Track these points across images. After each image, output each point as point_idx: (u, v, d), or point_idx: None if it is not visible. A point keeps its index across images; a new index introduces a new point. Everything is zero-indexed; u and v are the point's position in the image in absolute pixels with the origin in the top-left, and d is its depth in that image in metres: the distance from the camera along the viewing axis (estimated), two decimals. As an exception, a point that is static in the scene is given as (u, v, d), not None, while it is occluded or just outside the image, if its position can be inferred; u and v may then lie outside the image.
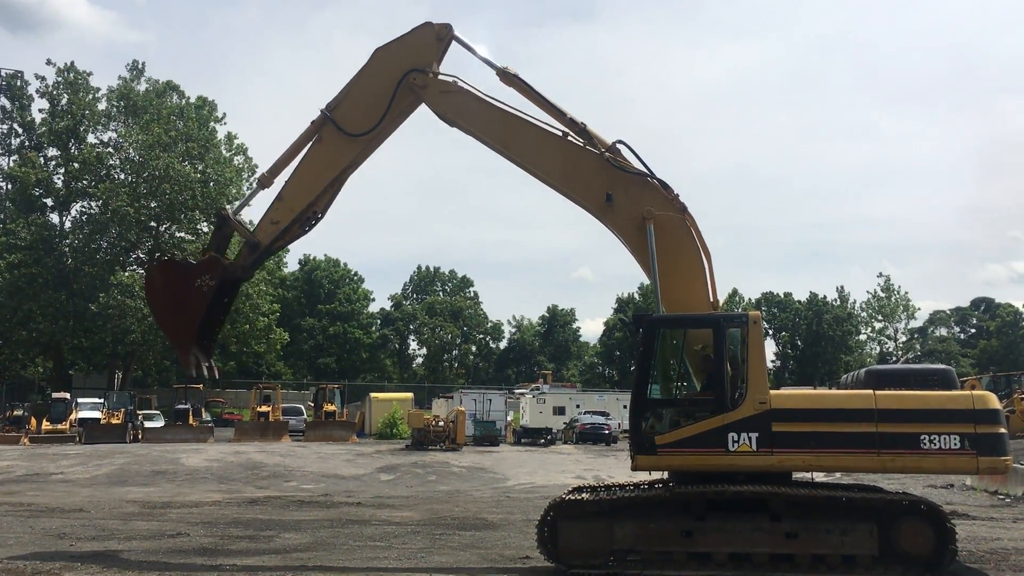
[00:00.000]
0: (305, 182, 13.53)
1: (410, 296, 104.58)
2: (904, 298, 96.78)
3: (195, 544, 13.65)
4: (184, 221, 62.24)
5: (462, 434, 40.10)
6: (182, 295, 13.29)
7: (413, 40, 13.41)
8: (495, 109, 13.18)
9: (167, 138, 59.07)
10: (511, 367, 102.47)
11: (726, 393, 11.30)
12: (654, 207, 12.36)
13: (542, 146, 13.05)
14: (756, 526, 10.90)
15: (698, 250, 12.43)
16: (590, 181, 12.75)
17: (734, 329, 11.61)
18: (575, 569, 10.91)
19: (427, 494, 23.37)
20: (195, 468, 29.01)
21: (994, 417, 11.09)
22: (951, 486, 22.22)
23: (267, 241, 13.66)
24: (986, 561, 11.79)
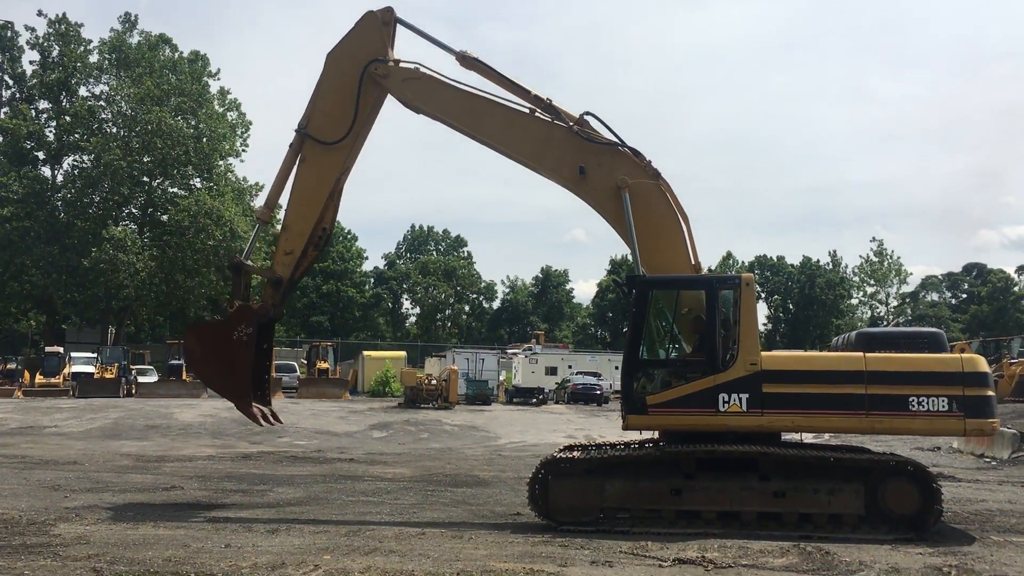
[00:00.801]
0: (304, 205, 13.37)
1: (403, 255, 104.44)
2: (896, 263, 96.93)
3: (189, 497, 13.77)
4: (177, 176, 61.86)
5: (454, 393, 40.30)
6: (225, 353, 13.00)
7: (359, 33, 13.31)
8: (460, 92, 13.13)
9: (159, 92, 58.45)
10: (504, 327, 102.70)
11: (717, 354, 11.37)
12: (628, 176, 12.39)
13: (511, 125, 13.02)
14: (745, 485, 11.03)
15: (675, 214, 12.47)
16: (561, 156, 12.74)
17: (727, 291, 11.66)
18: (565, 526, 11.04)
19: (419, 451, 23.54)
20: (188, 423, 29.15)
21: (982, 380, 11.19)
22: (938, 449, 22.47)
23: (287, 273, 13.38)
24: (971, 522, 11.97)
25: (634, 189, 12.34)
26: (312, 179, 13.35)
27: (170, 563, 8.68)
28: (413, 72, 13.20)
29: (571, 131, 12.68)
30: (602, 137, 12.71)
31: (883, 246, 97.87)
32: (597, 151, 12.62)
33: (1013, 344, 43.60)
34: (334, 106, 13.30)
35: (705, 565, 8.91)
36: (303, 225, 13.32)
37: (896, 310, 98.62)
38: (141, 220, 64.22)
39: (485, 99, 13.11)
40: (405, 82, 13.21)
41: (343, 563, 8.74)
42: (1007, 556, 9.70)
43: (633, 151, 12.61)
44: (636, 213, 12.25)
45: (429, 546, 9.83)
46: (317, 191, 13.33)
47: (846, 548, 9.82)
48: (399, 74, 13.21)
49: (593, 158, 12.58)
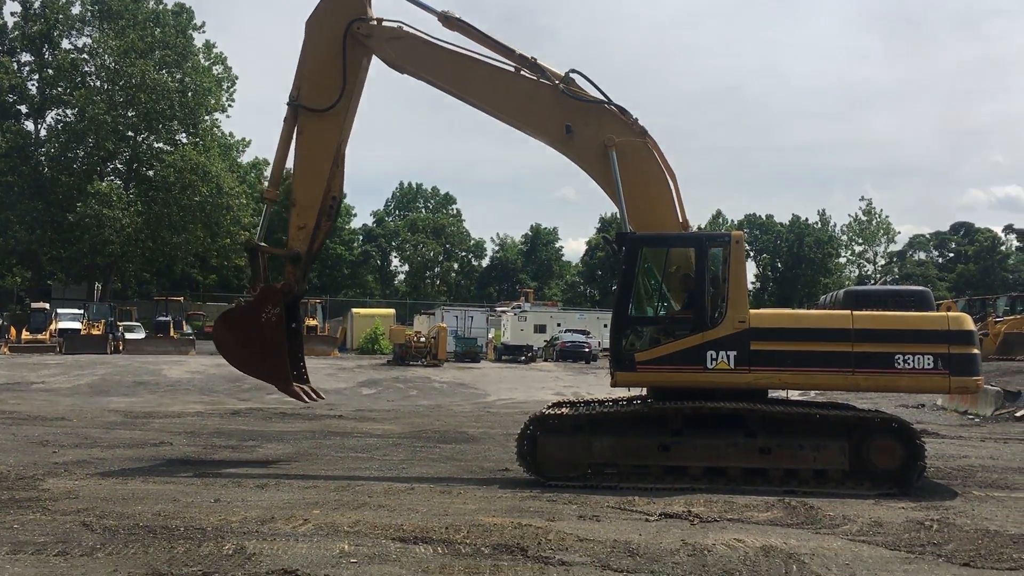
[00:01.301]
0: (309, 177, 13.17)
1: (392, 213, 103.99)
2: (885, 222, 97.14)
3: (178, 453, 13.80)
4: (162, 131, 61.29)
5: (443, 350, 40.39)
6: (257, 337, 12.79)
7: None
8: (445, 51, 12.97)
9: (143, 45, 57.65)
10: (493, 285, 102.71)
11: (706, 312, 11.40)
12: (615, 134, 12.32)
13: (496, 84, 12.89)
14: (731, 441, 11.12)
15: (662, 172, 12.42)
16: (548, 114, 12.64)
17: (716, 249, 11.65)
18: (554, 481, 11.12)
19: (408, 408, 23.65)
20: (177, 380, 29.17)
21: (968, 338, 11.26)
22: (922, 406, 22.71)
23: (304, 248, 13.17)
24: (953, 477, 12.12)
25: (621, 147, 12.27)
26: (313, 149, 13.16)
27: (159, 517, 8.72)
28: (397, 31, 13.01)
29: (557, 89, 12.56)
30: (588, 95, 12.59)
31: (872, 205, 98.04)
32: (584, 109, 12.52)
33: (999, 303, 43.90)
34: (322, 73, 13.09)
35: (691, 519, 9.00)
36: (312, 197, 13.14)
37: (884, 269, 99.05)
38: (126, 175, 63.72)
39: (470, 58, 12.95)
40: (389, 41, 13.03)
41: (332, 517, 8.79)
42: (988, 510, 9.83)
43: (620, 109, 12.51)
44: (623, 171, 12.19)
45: (418, 501, 9.90)
46: (320, 161, 13.15)
47: (830, 503, 9.94)
48: (382, 33, 13.02)
49: (580, 116, 12.49)
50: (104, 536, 7.93)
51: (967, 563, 7.50)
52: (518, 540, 7.91)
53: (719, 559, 7.44)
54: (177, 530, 8.15)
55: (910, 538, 8.36)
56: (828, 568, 7.22)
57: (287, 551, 7.43)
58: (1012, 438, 17.09)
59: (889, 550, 7.93)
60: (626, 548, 7.72)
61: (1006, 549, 7.95)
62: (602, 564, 7.22)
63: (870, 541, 8.25)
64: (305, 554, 7.34)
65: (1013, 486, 11.58)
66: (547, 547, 7.71)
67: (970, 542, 8.21)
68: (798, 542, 8.09)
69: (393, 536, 8.02)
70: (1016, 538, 8.36)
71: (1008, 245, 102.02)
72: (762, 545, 7.89)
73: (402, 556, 7.38)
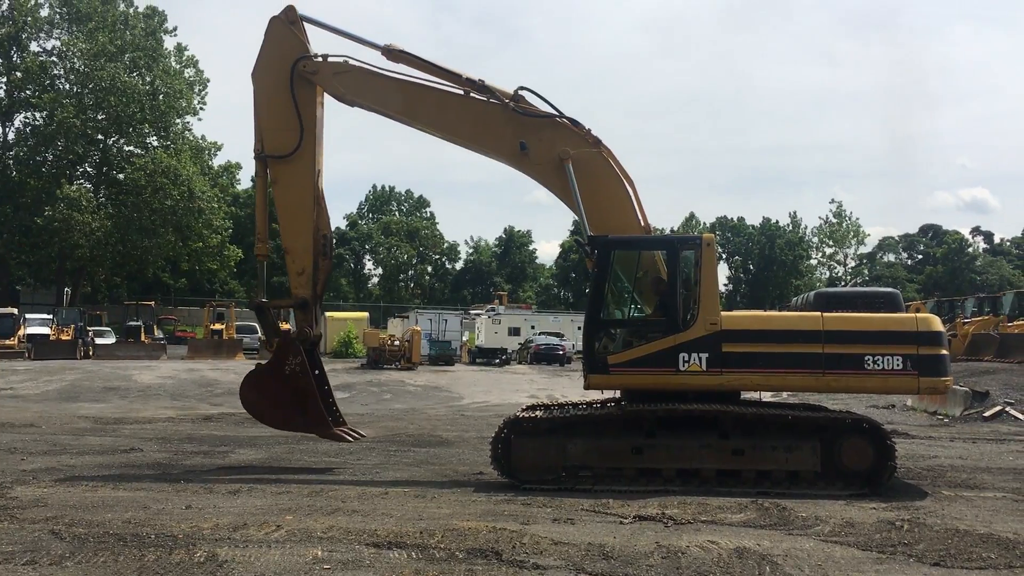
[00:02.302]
0: (296, 223, 13.09)
1: (365, 216, 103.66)
2: (855, 224, 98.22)
3: (149, 459, 13.65)
4: (132, 135, 60.74)
5: (417, 353, 40.30)
6: (286, 391, 12.68)
7: (272, 40, 13.09)
8: (393, 80, 13.01)
9: (113, 47, 57.07)
10: (467, 288, 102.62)
11: (678, 314, 11.44)
12: (569, 146, 12.36)
13: (447, 108, 12.96)
14: (704, 443, 11.17)
15: (620, 179, 12.49)
16: (500, 133, 12.68)
17: (688, 251, 11.71)
18: (528, 484, 11.12)
19: (382, 412, 23.56)
20: (148, 385, 28.87)
21: (936, 339, 11.37)
22: (893, 406, 22.93)
23: (308, 292, 13.06)
24: (923, 477, 12.25)
25: (577, 159, 12.32)
26: (291, 196, 13.11)
27: (130, 525, 8.62)
28: (342, 65, 13.01)
29: (507, 108, 12.59)
30: (539, 111, 12.64)
31: (842, 207, 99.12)
32: (536, 125, 12.57)
33: (967, 304, 44.44)
34: (278, 119, 13.06)
35: (665, 521, 9.03)
36: (303, 242, 13.06)
37: (854, 271, 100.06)
38: (96, 179, 63.05)
39: (419, 85, 12.99)
40: (336, 76, 13.03)
41: (305, 523, 8.73)
42: (957, 510, 9.95)
43: (572, 121, 12.58)
44: (581, 183, 12.27)
45: (392, 505, 9.86)
46: (301, 205, 13.10)
47: (802, 504, 10.01)
48: (328, 68, 13.02)
49: (532, 132, 12.54)
50: (73, 544, 7.82)
51: (937, 562, 7.58)
52: (492, 544, 7.90)
53: (693, 561, 7.47)
54: (148, 538, 8.05)
55: (881, 538, 8.44)
56: (800, 569, 7.27)
57: (259, 558, 7.37)
58: (981, 438, 17.32)
59: (861, 550, 8.00)
60: (600, 551, 7.74)
61: (975, 548, 8.05)
62: (576, 567, 7.23)
63: (842, 542, 8.32)
64: (278, 561, 7.29)
65: (982, 486, 11.73)
66: (521, 551, 7.71)
67: (940, 542, 8.30)
68: (771, 543, 8.15)
69: (367, 541, 7.98)
70: (985, 537, 8.46)
71: (976, 247, 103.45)
72: (735, 547, 7.93)
73: (376, 562, 7.34)
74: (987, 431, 18.73)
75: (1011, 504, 10.41)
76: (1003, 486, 11.69)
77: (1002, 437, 17.52)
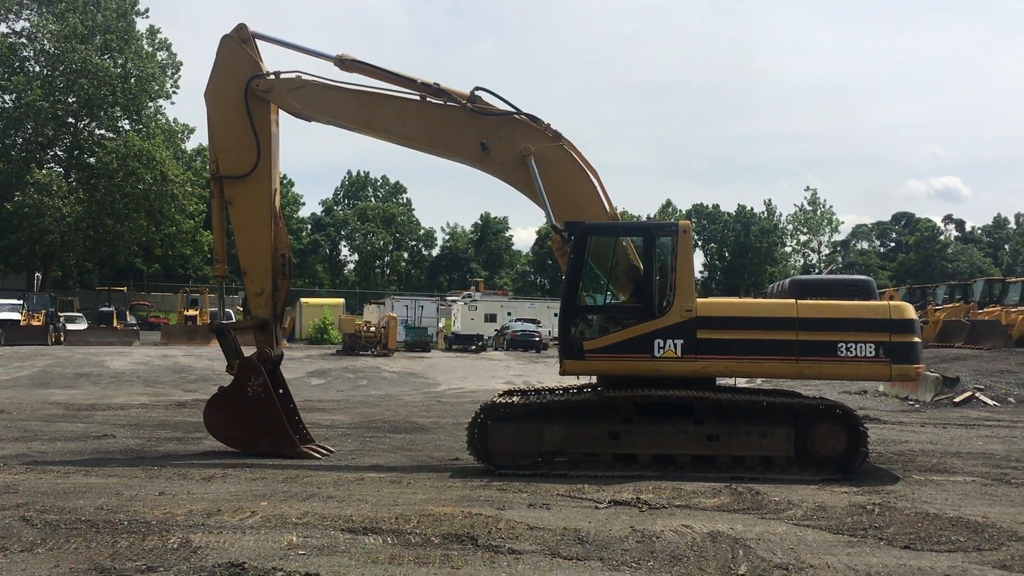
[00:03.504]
0: (253, 244, 13.01)
1: (341, 202, 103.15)
2: (829, 212, 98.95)
3: (121, 446, 13.54)
4: (104, 118, 59.95)
5: (393, 340, 40.23)
6: (250, 414, 12.57)
7: (224, 59, 13.00)
8: (348, 92, 12.94)
9: (83, 29, 56.22)
10: (443, 274, 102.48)
11: (653, 300, 11.48)
12: (530, 142, 12.37)
13: (404, 115, 12.92)
14: (680, 429, 11.23)
15: (583, 171, 12.51)
16: (460, 135, 12.67)
17: (664, 238, 11.74)
18: (504, 470, 11.14)
19: (358, 398, 23.52)
20: (120, 371, 28.64)
21: (909, 327, 11.48)
22: (864, 392, 23.19)
23: (268, 312, 12.98)
24: (894, 462, 12.39)
25: (539, 155, 12.33)
26: (248, 216, 13.01)
27: (102, 511, 8.54)
28: (296, 81, 12.90)
29: (465, 109, 12.56)
30: (497, 109, 12.61)
31: (816, 195, 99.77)
32: (495, 124, 12.55)
33: (938, 291, 44.94)
34: (233, 139, 12.94)
35: (640, 506, 9.08)
36: (261, 262, 12.98)
37: (828, 258, 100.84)
38: (67, 163, 62.23)
39: (375, 94, 12.92)
40: (290, 92, 12.92)
41: (280, 509, 8.70)
42: (928, 494, 10.07)
43: (530, 117, 12.56)
44: (545, 178, 12.27)
45: (367, 491, 9.84)
46: (258, 225, 13.01)
47: (775, 488, 10.10)
48: (282, 85, 12.91)
49: (492, 132, 12.52)
50: (45, 531, 7.75)
51: (907, 546, 7.68)
52: (468, 529, 7.90)
53: (667, 545, 7.51)
54: (120, 524, 7.98)
55: (853, 522, 8.53)
56: (773, 552, 7.34)
57: (234, 544, 7.34)
58: (951, 423, 17.55)
59: (832, 534, 8.09)
60: (576, 535, 7.77)
61: (945, 532, 8.16)
62: (552, 552, 7.25)
63: (814, 525, 8.40)
64: (252, 547, 7.25)
65: (951, 470, 11.89)
66: (497, 536, 7.72)
67: (910, 525, 8.40)
68: (744, 527, 8.21)
69: (342, 527, 7.96)
70: (954, 520, 8.58)
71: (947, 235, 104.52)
72: (709, 531, 7.99)
73: (351, 547, 7.33)
74: (957, 416, 18.99)
75: (980, 488, 10.56)
76: (972, 470, 11.85)
77: (972, 422, 17.77)
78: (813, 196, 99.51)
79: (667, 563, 7.00)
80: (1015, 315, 34.06)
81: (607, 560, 7.06)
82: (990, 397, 21.58)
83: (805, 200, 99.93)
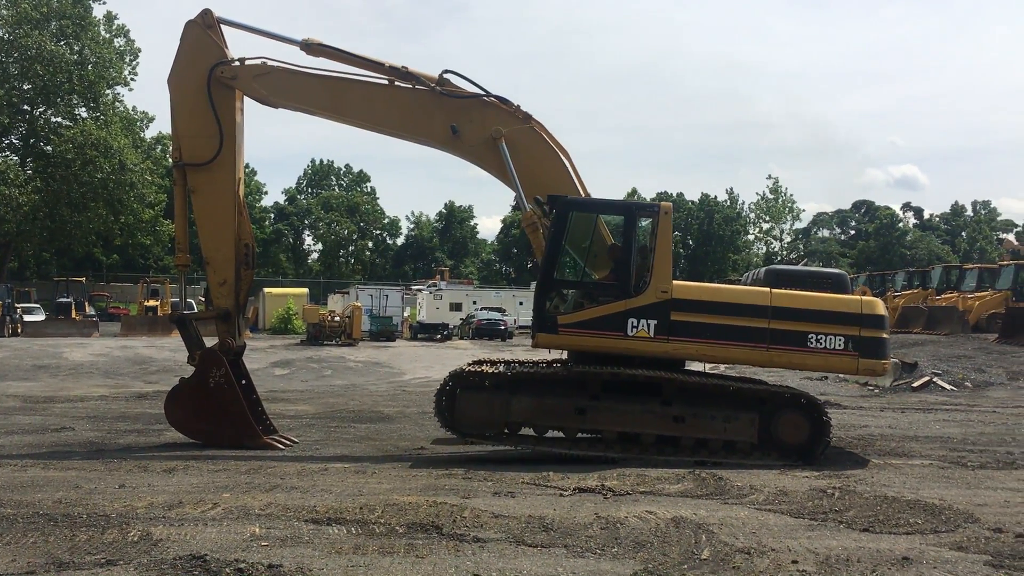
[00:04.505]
0: (216, 233, 12.81)
1: (304, 191, 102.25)
2: (790, 200, 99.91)
3: (80, 438, 13.34)
4: (60, 105, 58.79)
5: (358, 329, 40.03)
6: (212, 405, 12.40)
7: (188, 45, 12.79)
8: (315, 78, 12.81)
9: (37, 15, 55.04)
10: (408, 263, 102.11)
11: (630, 280, 11.52)
12: (500, 125, 12.37)
13: (373, 100, 12.81)
14: (647, 408, 11.30)
15: (555, 152, 12.54)
16: (430, 119, 12.62)
17: (645, 219, 11.79)
18: (470, 438, 11.19)
19: (322, 388, 23.37)
20: (80, 363, 28.20)
21: (879, 322, 11.61)
22: (825, 377, 23.43)
23: (231, 303, 12.80)
24: (854, 446, 12.57)
25: (510, 137, 12.33)
26: (211, 205, 12.83)
27: (61, 505, 8.40)
28: (261, 67, 12.75)
29: (434, 92, 12.50)
30: (466, 92, 12.58)
31: (778, 183, 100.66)
32: (465, 107, 12.52)
33: (897, 278, 45.63)
34: (197, 126, 12.74)
35: (604, 493, 9.12)
36: (224, 252, 12.80)
37: (790, 246, 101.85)
38: (23, 151, 60.98)
39: (343, 79, 12.80)
40: (256, 79, 12.77)
41: (243, 500, 8.62)
42: (886, 477, 10.24)
43: (500, 99, 12.55)
44: (516, 159, 12.28)
45: (332, 481, 9.78)
46: (222, 214, 12.83)
47: (738, 474, 10.20)
48: (247, 72, 12.74)
49: (463, 115, 12.49)
50: (2, 525, 7.59)
51: (866, 528, 7.79)
52: (433, 518, 7.89)
53: (631, 531, 7.56)
54: (79, 517, 7.86)
55: (813, 506, 8.64)
56: (736, 537, 7.41)
57: (195, 536, 7.25)
58: (909, 408, 17.85)
59: (793, 518, 8.19)
60: (540, 523, 7.78)
61: (903, 514, 8.29)
62: (517, 540, 7.26)
63: (775, 510, 8.50)
64: (214, 538, 7.17)
65: (910, 453, 12.09)
66: (462, 524, 7.72)
67: (869, 508, 8.53)
68: (707, 512, 8.29)
69: (306, 518, 7.90)
70: (912, 503, 8.72)
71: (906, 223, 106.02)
72: (673, 516, 8.05)
73: (315, 537, 7.28)
74: (915, 401, 19.32)
75: (937, 471, 10.75)
76: (930, 454, 12.07)
77: (929, 407, 18.08)
78: (775, 184, 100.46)
79: (631, 549, 7.04)
80: (972, 301, 34.69)
81: (571, 547, 7.08)
82: (947, 382, 21.97)
83: (767, 189, 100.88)
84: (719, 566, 6.62)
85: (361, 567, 6.48)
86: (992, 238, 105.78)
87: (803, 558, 6.82)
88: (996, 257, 76.52)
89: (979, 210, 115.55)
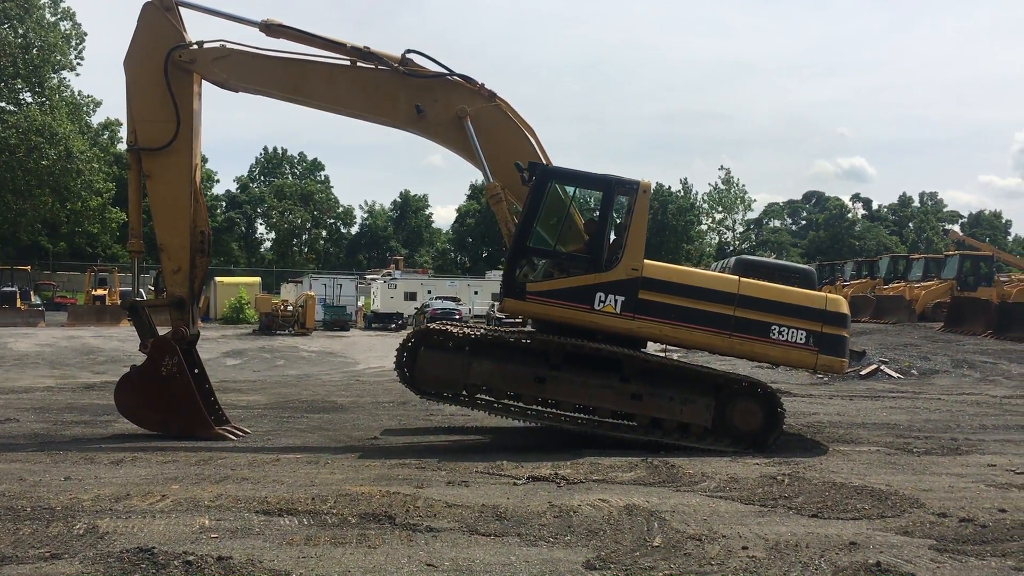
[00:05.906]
0: (171, 219, 12.54)
1: (257, 179, 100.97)
2: (742, 190, 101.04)
3: (25, 430, 13.03)
4: (4, 90, 57.26)
5: (311, 319, 39.74)
6: (163, 393, 12.15)
7: (145, 27, 12.51)
8: (276, 60, 12.63)
9: (-21, -4, 53.58)
10: (363, 252, 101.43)
11: (602, 254, 11.54)
12: (465, 103, 12.32)
13: (335, 81, 12.64)
14: (605, 383, 11.36)
15: (520, 130, 12.54)
16: (394, 99, 12.50)
17: (623, 195, 11.81)
18: (427, 397, 11.21)
19: (275, 378, 23.14)
20: (25, 353, 27.57)
21: (841, 320, 11.78)
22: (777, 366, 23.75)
23: (185, 291, 12.55)
24: (803, 433, 12.77)
25: (475, 115, 12.28)
26: (166, 190, 12.54)
27: (4, 498, 8.20)
28: (220, 50, 12.50)
29: (397, 72, 12.39)
30: (429, 71, 12.48)
31: (730, 174, 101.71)
32: (429, 86, 12.42)
33: (846, 268, 46.43)
34: (153, 110, 12.45)
35: (558, 482, 9.15)
36: (180, 238, 12.55)
37: (742, 236, 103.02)
38: (-36, 137, 59.32)
39: (304, 61, 12.62)
40: (215, 62, 12.52)
41: (192, 492, 8.49)
42: (835, 464, 10.41)
43: (464, 78, 12.48)
44: (481, 138, 12.24)
45: (283, 472, 9.68)
46: (177, 200, 12.55)
47: (690, 461, 10.30)
48: (206, 55, 12.49)
49: (427, 94, 12.40)
50: (-60, 521, 7.40)
51: (815, 514, 7.92)
52: (386, 508, 7.84)
53: (584, 519, 7.59)
54: (23, 511, 7.68)
55: (763, 492, 8.75)
56: (687, 524, 7.48)
57: (143, 528, 7.13)
58: (857, 395, 18.17)
59: (744, 504, 8.29)
60: (494, 512, 7.78)
61: (851, 500, 8.44)
62: (470, 529, 7.25)
63: (726, 496, 8.60)
64: (163, 531, 7.06)
65: (858, 440, 12.30)
66: (415, 514, 7.69)
67: (818, 494, 8.66)
68: (659, 500, 8.36)
69: (257, 509, 7.81)
70: (860, 489, 8.88)
71: (855, 213, 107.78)
72: (625, 504, 8.10)
73: (266, 529, 7.20)
74: (863, 389, 19.67)
75: (884, 457, 10.95)
76: (877, 440, 12.29)
77: (877, 394, 18.43)
78: (727, 175, 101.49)
79: (584, 537, 7.07)
80: (918, 291, 35.43)
81: (525, 536, 7.09)
82: (894, 370, 22.42)
83: (719, 179, 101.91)
84: (671, 553, 6.68)
85: (313, 558, 6.43)
86: (939, 229, 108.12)
87: (753, 544, 6.91)
88: (942, 247, 78.23)
89: (926, 201, 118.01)
